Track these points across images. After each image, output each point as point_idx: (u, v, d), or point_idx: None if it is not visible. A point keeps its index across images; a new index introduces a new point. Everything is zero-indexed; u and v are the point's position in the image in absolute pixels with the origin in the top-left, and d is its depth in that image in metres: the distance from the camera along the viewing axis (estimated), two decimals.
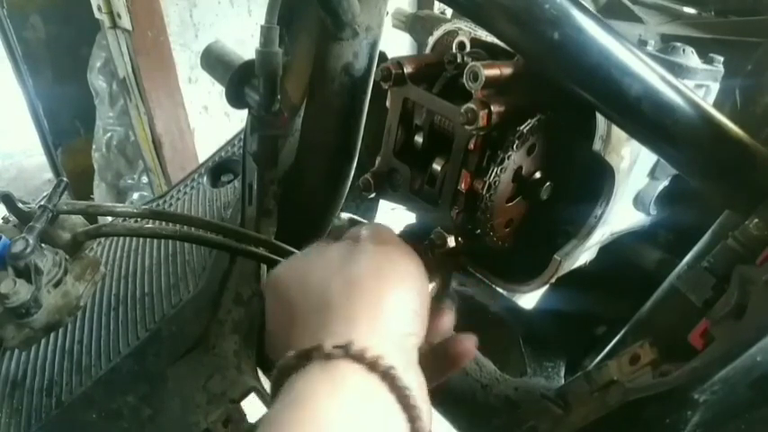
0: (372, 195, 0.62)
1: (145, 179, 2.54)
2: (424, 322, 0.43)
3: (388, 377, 0.35)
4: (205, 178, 1.10)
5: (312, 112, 0.73)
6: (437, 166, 0.57)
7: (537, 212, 0.58)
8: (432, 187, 0.57)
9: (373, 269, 0.42)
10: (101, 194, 2.62)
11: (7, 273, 0.61)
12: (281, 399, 0.35)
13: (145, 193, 2.57)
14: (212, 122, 2.40)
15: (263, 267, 0.81)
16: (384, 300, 0.40)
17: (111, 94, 2.40)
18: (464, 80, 0.50)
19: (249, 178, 0.79)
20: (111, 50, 2.13)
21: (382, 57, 0.74)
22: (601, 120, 0.54)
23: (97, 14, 2.03)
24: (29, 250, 0.61)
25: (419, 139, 0.59)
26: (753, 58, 0.68)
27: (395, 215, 0.72)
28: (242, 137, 0.92)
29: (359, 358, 0.35)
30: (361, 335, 0.37)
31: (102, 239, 0.99)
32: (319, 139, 0.75)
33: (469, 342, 0.49)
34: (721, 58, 0.60)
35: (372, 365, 0.35)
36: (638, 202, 0.66)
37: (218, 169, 1.12)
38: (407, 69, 0.56)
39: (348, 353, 0.35)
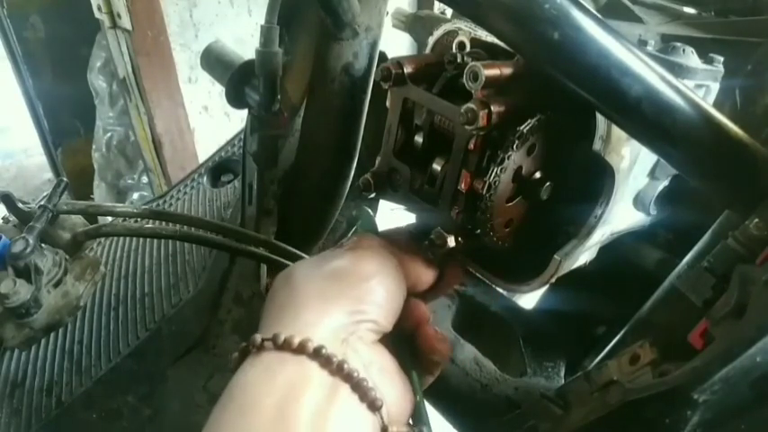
0: (372, 195, 0.62)
1: (145, 179, 2.54)
2: (389, 313, 0.44)
3: (319, 356, 0.37)
4: (205, 178, 1.10)
5: (312, 112, 0.73)
6: (437, 166, 0.57)
7: (537, 212, 0.58)
8: (432, 187, 0.57)
9: (334, 270, 0.44)
10: (101, 194, 2.62)
11: (7, 273, 0.61)
12: (222, 395, 0.37)
13: (145, 193, 2.57)
14: (212, 122, 2.40)
15: (263, 267, 0.81)
16: (334, 294, 0.42)
17: (111, 94, 2.40)
18: (464, 80, 0.50)
19: (249, 178, 0.79)
20: (111, 50, 2.13)
21: (382, 57, 0.74)
22: (601, 120, 0.54)
23: (97, 14, 2.03)
24: (29, 250, 0.61)
25: (419, 139, 0.59)
26: (753, 58, 0.68)
27: (395, 215, 0.72)
28: (242, 137, 0.92)
29: (286, 346, 0.37)
30: (301, 325, 0.39)
31: (102, 239, 0.99)
32: (319, 139, 0.75)
33: (438, 340, 0.48)
34: (721, 58, 0.60)
35: (300, 349, 0.37)
36: (638, 202, 0.66)
37: (218, 169, 1.12)
38: (407, 69, 0.56)
39: (276, 343, 0.37)
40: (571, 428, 0.48)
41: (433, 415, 0.72)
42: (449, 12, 0.92)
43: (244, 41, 2.23)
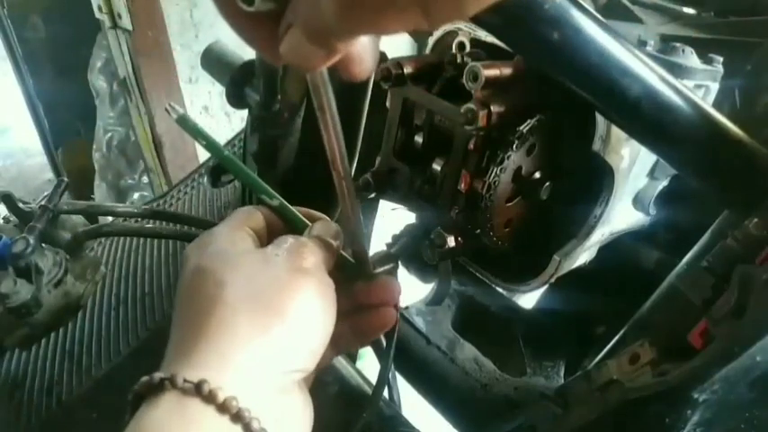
0: (372, 195, 0.62)
1: (145, 179, 2.54)
2: (317, 357, 0.39)
3: (241, 419, 0.33)
4: (205, 178, 1.10)
5: (312, 112, 0.73)
6: (437, 166, 0.57)
7: (537, 212, 0.58)
8: (432, 187, 0.57)
9: (272, 297, 0.37)
10: (101, 194, 2.62)
11: (8, 273, 0.61)
12: (128, 429, 0.33)
13: (145, 193, 2.57)
14: (212, 122, 2.40)
15: None
16: (270, 336, 0.36)
17: (112, 94, 2.40)
18: (464, 80, 0.51)
19: None
20: (111, 50, 2.13)
21: (382, 57, 0.74)
22: (601, 120, 0.54)
23: (98, 14, 2.03)
24: (29, 250, 0.61)
25: (419, 139, 0.59)
26: (752, 58, 0.68)
27: (395, 215, 0.72)
28: (242, 137, 0.92)
29: (210, 398, 0.32)
30: (226, 371, 0.34)
31: (103, 239, 0.99)
32: (319, 140, 0.75)
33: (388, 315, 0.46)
34: (721, 59, 0.60)
35: (223, 407, 0.32)
36: (638, 202, 0.66)
37: (218, 169, 1.12)
38: (407, 70, 0.57)
39: (200, 391, 0.33)
40: (571, 428, 0.48)
41: (432, 413, 0.72)
42: None
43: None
